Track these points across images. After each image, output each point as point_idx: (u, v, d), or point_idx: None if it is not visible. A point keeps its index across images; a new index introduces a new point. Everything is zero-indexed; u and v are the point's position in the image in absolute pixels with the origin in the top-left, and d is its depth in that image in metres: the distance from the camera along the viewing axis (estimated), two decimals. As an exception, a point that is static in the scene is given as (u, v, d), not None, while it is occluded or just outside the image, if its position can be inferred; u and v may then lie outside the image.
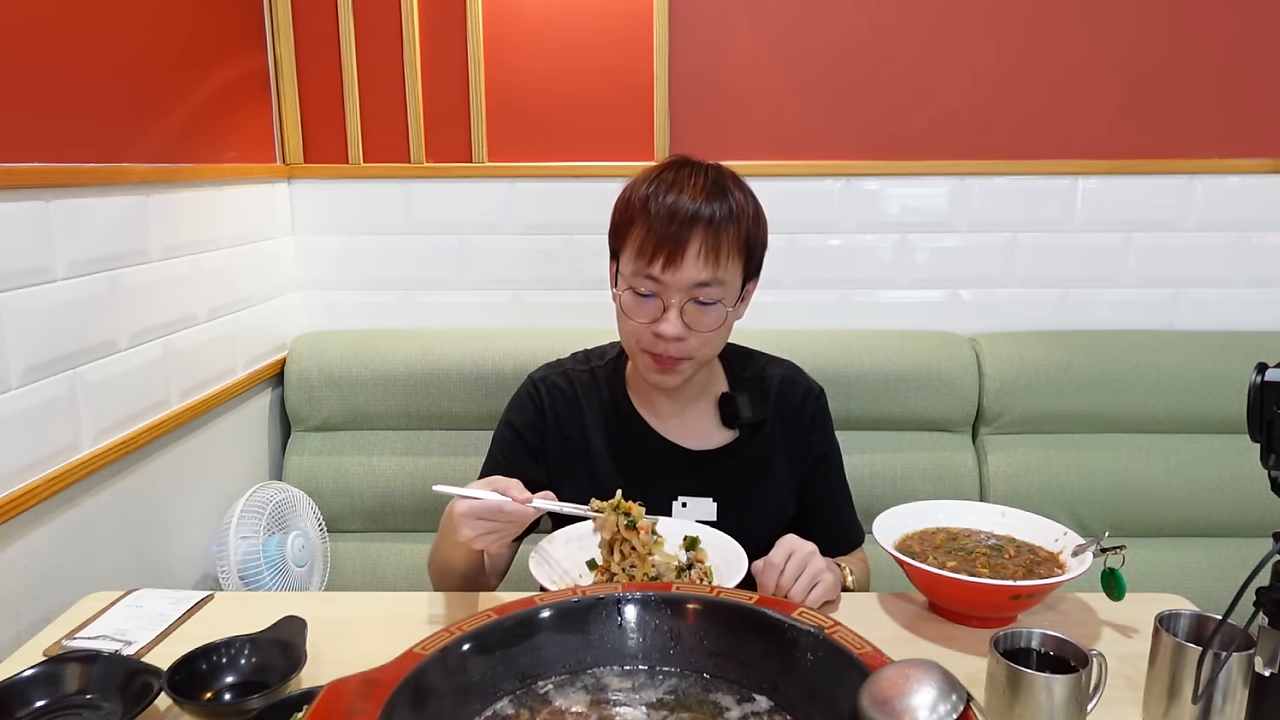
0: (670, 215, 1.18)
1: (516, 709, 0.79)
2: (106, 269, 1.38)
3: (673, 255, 1.18)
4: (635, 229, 1.21)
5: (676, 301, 1.20)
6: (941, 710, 0.66)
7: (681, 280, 1.19)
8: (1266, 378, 0.82)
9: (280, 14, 1.90)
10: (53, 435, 1.27)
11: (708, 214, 1.19)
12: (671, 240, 1.18)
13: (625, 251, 1.24)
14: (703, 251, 1.18)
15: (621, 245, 1.25)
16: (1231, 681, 0.85)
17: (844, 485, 1.43)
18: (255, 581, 1.60)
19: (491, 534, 1.07)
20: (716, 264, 1.19)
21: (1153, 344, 1.90)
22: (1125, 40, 1.92)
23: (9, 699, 0.93)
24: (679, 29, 1.92)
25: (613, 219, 1.28)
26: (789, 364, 1.42)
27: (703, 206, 1.19)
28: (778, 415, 1.36)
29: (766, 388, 1.37)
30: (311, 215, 2.01)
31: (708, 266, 1.19)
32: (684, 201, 1.19)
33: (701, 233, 1.18)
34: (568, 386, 1.37)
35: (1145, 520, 1.85)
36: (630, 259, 1.22)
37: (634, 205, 1.23)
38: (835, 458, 1.42)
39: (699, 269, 1.18)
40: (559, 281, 2.02)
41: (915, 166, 1.97)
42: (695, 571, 1.15)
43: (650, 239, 1.19)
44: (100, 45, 1.38)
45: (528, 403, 1.36)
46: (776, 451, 1.36)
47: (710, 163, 1.28)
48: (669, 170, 1.24)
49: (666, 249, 1.18)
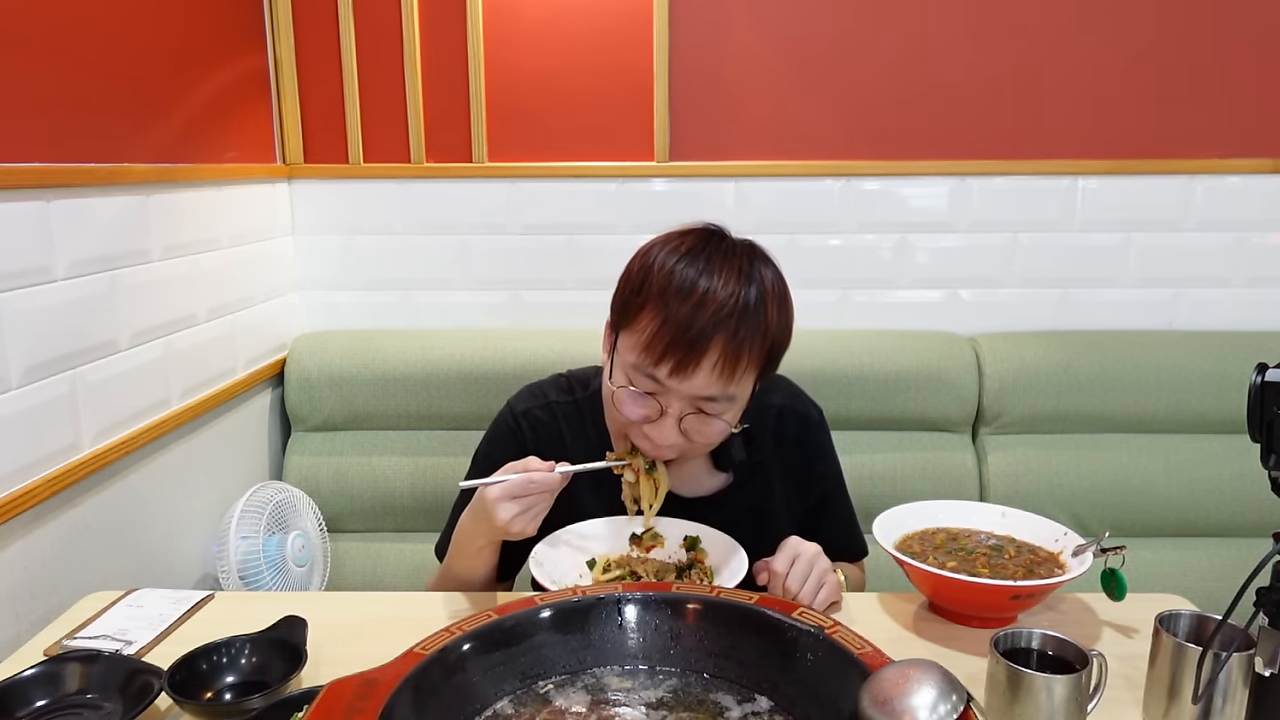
0: (690, 319, 1.03)
1: (516, 709, 0.79)
2: (107, 269, 1.38)
3: (685, 363, 1.04)
4: (647, 316, 1.06)
5: (676, 410, 1.08)
6: (941, 710, 0.66)
7: (688, 390, 1.06)
8: (1266, 378, 0.82)
9: (280, 14, 1.90)
10: (53, 435, 1.27)
11: (736, 311, 1.04)
12: (686, 347, 1.03)
13: (630, 335, 1.09)
14: (719, 365, 1.05)
15: (626, 324, 1.10)
16: (1231, 682, 0.85)
17: (848, 505, 1.37)
18: (255, 581, 1.60)
19: (528, 512, 1.04)
20: (731, 379, 1.06)
21: (1153, 344, 1.90)
22: (1125, 40, 1.92)
23: (9, 699, 0.93)
24: (679, 29, 1.92)
25: (622, 287, 1.12)
26: (785, 386, 1.33)
27: (727, 316, 1.04)
28: (776, 450, 1.28)
29: (764, 421, 1.27)
30: (311, 215, 2.01)
31: (720, 381, 1.06)
32: (712, 290, 1.04)
33: (723, 340, 1.04)
34: (550, 421, 1.26)
35: (1145, 520, 1.85)
36: (634, 348, 1.08)
37: (650, 285, 1.07)
38: (839, 482, 1.36)
39: (710, 383, 1.06)
40: (559, 281, 2.02)
41: (915, 166, 1.97)
42: (695, 571, 1.15)
43: (661, 337, 1.04)
44: (100, 45, 1.38)
45: (509, 439, 1.26)
46: (775, 490, 1.28)
47: (743, 242, 1.13)
48: (698, 250, 1.08)
49: (679, 355, 1.04)
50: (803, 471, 1.31)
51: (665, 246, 1.10)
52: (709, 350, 1.04)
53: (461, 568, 1.19)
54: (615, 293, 1.15)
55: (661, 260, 1.08)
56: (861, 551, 1.39)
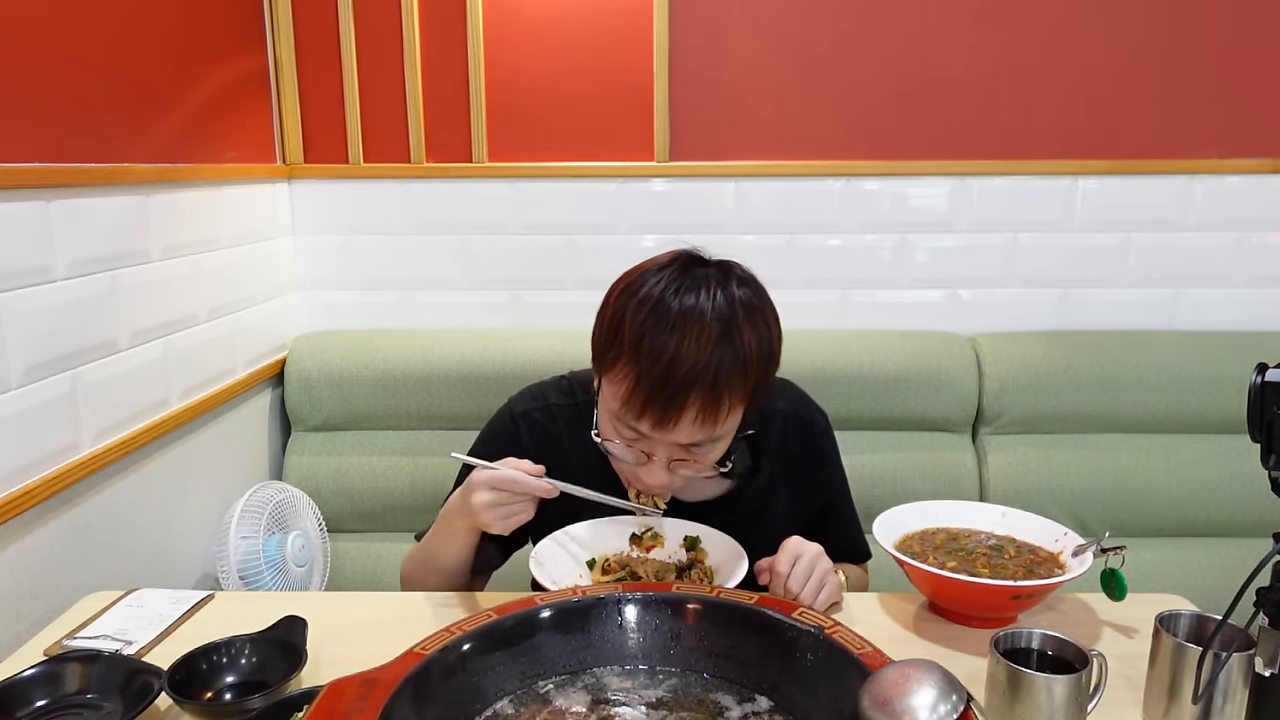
0: (664, 379, 1.01)
1: (516, 709, 0.79)
2: (107, 269, 1.38)
3: (664, 419, 1.03)
4: (622, 370, 1.05)
5: (663, 456, 1.09)
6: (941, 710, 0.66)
7: (671, 439, 1.06)
8: (1266, 378, 0.82)
9: (280, 14, 1.90)
10: (53, 435, 1.27)
11: (710, 374, 1.01)
12: (663, 404, 1.02)
13: (609, 383, 1.08)
14: (699, 417, 1.03)
15: (605, 372, 1.09)
16: (1231, 682, 0.85)
17: (852, 508, 1.37)
18: (255, 581, 1.60)
19: (503, 507, 1.05)
20: (715, 425, 1.05)
21: (1153, 344, 1.90)
22: (1125, 40, 1.92)
23: (9, 699, 0.93)
24: (679, 28, 1.92)
25: (597, 331, 1.11)
26: (789, 391, 1.32)
27: (703, 363, 1.01)
28: (780, 456, 1.27)
29: (769, 426, 1.26)
30: (311, 215, 2.01)
31: (704, 430, 1.05)
32: (684, 354, 1.01)
33: (701, 397, 1.02)
34: (550, 425, 1.25)
35: (1145, 520, 1.85)
36: (614, 397, 1.07)
37: (624, 339, 1.04)
38: (844, 488, 1.35)
39: (694, 432, 1.05)
40: (559, 281, 2.02)
41: (915, 166, 1.97)
42: (695, 571, 1.15)
43: (638, 395, 1.03)
44: (100, 45, 1.38)
45: (505, 440, 1.25)
46: (779, 496, 1.27)
47: (717, 265, 1.10)
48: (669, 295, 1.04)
49: (657, 413, 1.03)
50: (808, 478, 1.30)
51: (636, 294, 1.07)
52: (688, 406, 1.02)
53: (437, 544, 1.19)
54: (593, 332, 1.13)
55: (633, 314, 1.05)
56: (864, 555, 1.38)
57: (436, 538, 1.21)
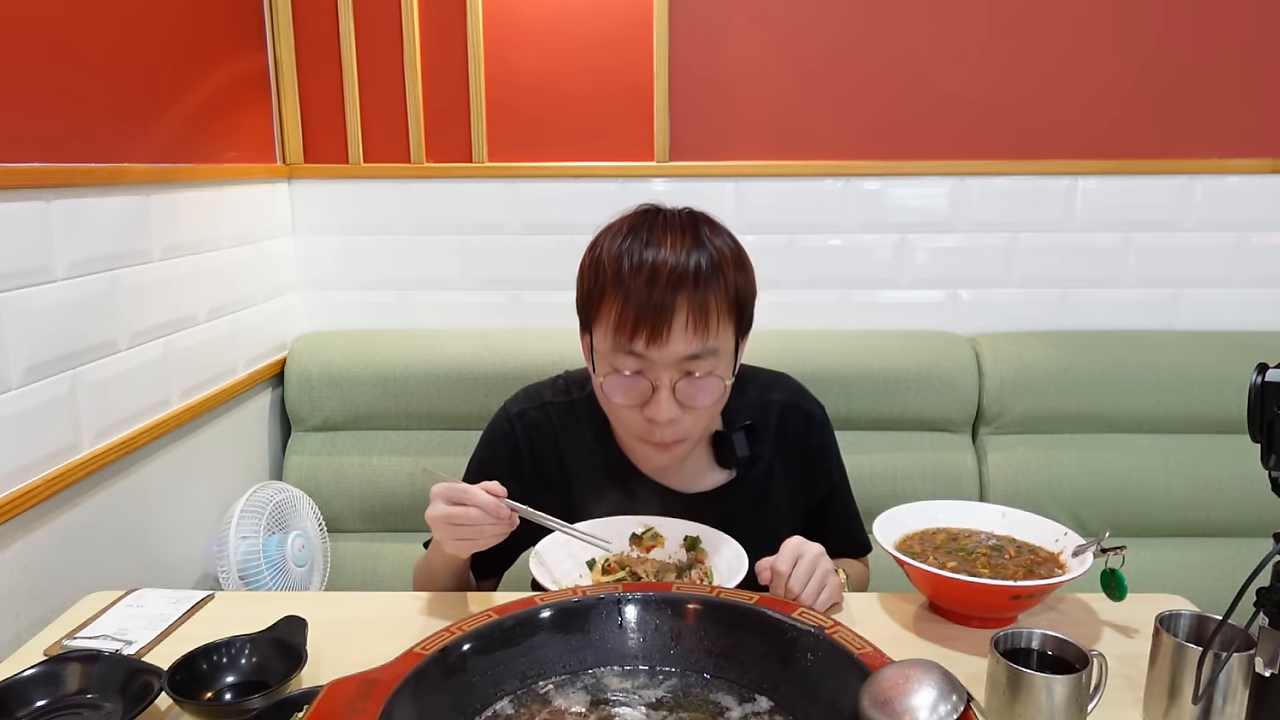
0: (650, 281, 1.06)
1: (516, 709, 0.79)
2: (107, 269, 1.38)
3: (657, 329, 1.06)
4: (609, 300, 1.09)
5: (667, 380, 1.10)
6: (942, 710, 0.66)
7: (669, 355, 1.08)
8: (1266, 378, 0.82)
9: (280, 14, 1.90)
10: (53, 435, 1.27)
11: (691, 272, 1.07)
12: (654, 312, 1.06)
13: (599, 326, 1.12)
14: (690, 321, 1.07)
15: (594, 318, 1.13)
16: (1232, 682, 0.85)
17: (852, 503, 1.37)
18: (255, 581, 1.60)
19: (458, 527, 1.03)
20: (707, 332, 1.08)
21: (1153, 344, 1.90)
22: (1125, 40, 1.92)
23: (9, 699, 0.93)
24: (679, 29, 1.92)
25: (580, 287, 1.16)
26: (786, 383, 1.34)
27: (683, 265, 1.07)
28: (778, 447, 1.28)
29: (765, 418, 1.27)
30: (311, 215, 2.01)
31: (698, 337, 1.08)
32: (662, 259, 1.07)
33: (687, 298, 1.07)
34: (546, 423, 1.26)
35: (1145, 520, 1.85)
36: (607, 334, 1.10)
37: (605, 271, 1.10)
38: (842, 480, 1.36)
39: (688, 341, 1.08)
40: (559, 281, 2.02)
41: (915, 166, 1.97)
42: (695, 571, 1.15)
43: (629, 311, 1.07)
44: (100, 45, 1.38)
45: (503, 445, 1.26)
46: (777, 486, 1.28)
47: (682, 208, 1.17)
48: (639, 223, 1.13)
49: (649, 322, 1.06)
50: (806, 469, 1.31)
51: (607, 235, 1.15)
52: (676, 312, 1.07)
53: (434, 552, 1.19)
54: (576, 296, 1.18)
55: (607, 247, 1.12)
56: (865, 549, 1.39)
57: (434, 545, 1.20)
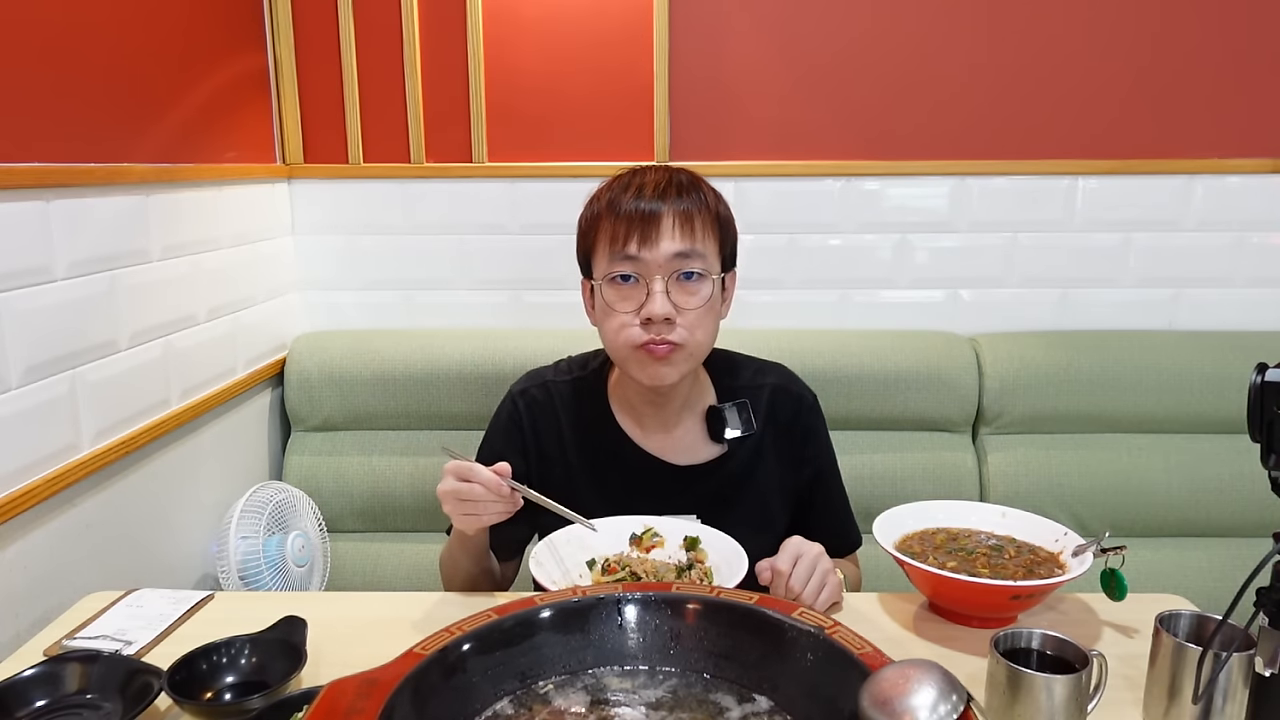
0: (637, 201, 1.20)
1: (516, 709, 0.79)
2: (106, 269, 1.38)
3: (647, 232, 1.18)
4: (604, 224, 1.22)
5: (660, 283, 1.18)
6: (941, 710, 0.66)
7: (661, 254, 1.18)
8: (1266, 378, 0.82)
9: (280, 14, 1.90)
10: (53, 435, 1.27)
11: (674, 188, 1.21)
12: (643, 221, 1.18)
13: (597, 250, 1.23)
14: (677, 224, 1.19)
15: (592, 247, 1.25)
16: (1232, 682, 0.85)
17: (841, 492, 1.39)
18: (255, 581, 1.60)
19: (464, 502, 1.08)
20: (693, 235, 1.19)
21: (1153, 344, 1.90)
22: (1125, 40, 1.92)
23: (9, 699, 0.93)
24: (679, 29, 1.92)
25: (579, 232, 1.28)
26: (779, 370, 1.38)
27: (665, 181, 1.21)
28: (769, 428, 1.32)
29: (757, 398, 1.33)
30: (311, 215, 2.01)
31: (685, 238, 1.19)
32: (648, 179, 1.22)
33: (673, 211, 1.19)
34: (546, 400, 1.33)
35: (1145, 520, 1.85)
36: (604, 251, 1.22)
37: (598, 208, 1.24)
38: (832, 466, 1.38)
39: (676, 240, 1.18)
40: (559, 281, 2.02)
41: (915, 166, 1.97)
42: (695, 571, 1.15)
43: (621, 225, 1.19)
44: (100, 45, 1.38)
45: (509, 424, 1.33)
46: (767, 465, 1.32)
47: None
48: (627, 174, 1.26)
49: (639, 227, 1.18)
50: (795, 450, 1.34)
51: (602, 188, 1.27)
52: (663, 216, 1.19)
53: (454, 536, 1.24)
54: (577, 251, 1.29)
55: (599, 192, 1.26)
56: (855, 543, 1.39)
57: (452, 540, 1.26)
